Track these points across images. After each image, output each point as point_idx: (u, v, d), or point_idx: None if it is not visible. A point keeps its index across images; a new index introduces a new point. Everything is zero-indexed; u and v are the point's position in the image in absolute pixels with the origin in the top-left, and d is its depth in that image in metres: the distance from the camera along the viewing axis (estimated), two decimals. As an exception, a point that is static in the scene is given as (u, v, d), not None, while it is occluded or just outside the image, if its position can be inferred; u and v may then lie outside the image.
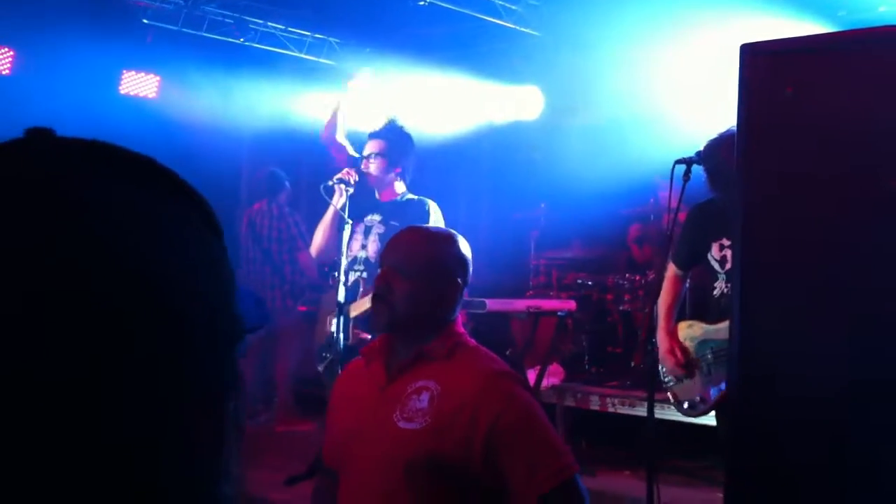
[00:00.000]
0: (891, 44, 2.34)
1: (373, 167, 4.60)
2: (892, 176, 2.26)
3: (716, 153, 3.73)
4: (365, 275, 4.47)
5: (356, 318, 4.34)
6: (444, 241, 2.36)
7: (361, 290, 4.44)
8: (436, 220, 4.48)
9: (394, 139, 4.65)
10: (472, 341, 2.33)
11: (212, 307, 0.62)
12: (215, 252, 0.64)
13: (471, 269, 2.39)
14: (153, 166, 0.64)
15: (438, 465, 2.10)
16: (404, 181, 4.69)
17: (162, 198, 0.62)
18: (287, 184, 7.39)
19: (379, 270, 2.37)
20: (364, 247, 4.58)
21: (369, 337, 4.15)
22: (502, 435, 2.09)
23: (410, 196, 4.65)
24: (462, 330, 2.35)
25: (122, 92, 8.05)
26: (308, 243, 7.02)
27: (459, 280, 2.32)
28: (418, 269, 2.27)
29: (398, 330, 2.30)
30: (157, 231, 0.60)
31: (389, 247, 2.36)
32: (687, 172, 3.82)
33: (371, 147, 4.63)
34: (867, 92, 2.32)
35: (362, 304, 4.33)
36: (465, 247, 2.38)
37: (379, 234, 4.52)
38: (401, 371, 2.26)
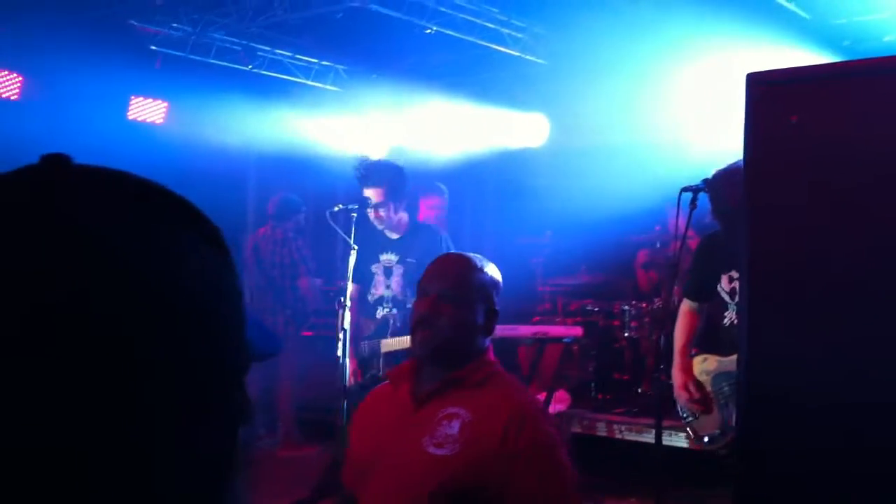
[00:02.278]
0: (896, 73, 2.35)
1: (383, 213, 4.60)
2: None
3: (719, 184, 3.73)
4: (395, 311, 4.50)
5: (387, 353, 4.35)
6: (482, 267, 2.38)
7: (391, 327, 4.46)
8: (448, 243, 4.50)
9: (390, 180, 4.61)
10: (504, 371, 2.35)
11: (220, 334, 0.62)
12: (226, 281, 0.64)
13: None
14: (166, 194, 0.64)
15: (465, 491, 2.11)
16: (405, 211, 4.72)
17: (174, 226, 0.62)
18: (302, 210, 7.34)
19: (414, 301, 2.38)
20: (388, 287, 4.59)
21: None
22: (524, 469, 2.10)
23: (414, 224, 4.67)
24: (495, 358, 2.36)
25: (130, 117, 8.10)
26: (310, 269, 7.05)
27: (497, 306, 2.35)
28: (465, 296, 2.29)
29: (441, 356, 2.29)
30: (168, 258, 0.60)
31: (433, 274, 2.36)
32: (693, 200, 3.83)
33: (374, 196, 4.58)
34: (873, 121, 2.32)
35: (395, 343, 4.34)
36: (496, 272, 2.41)
37: (401, 275, 4.57)
38: (429, 396, 2.26)
